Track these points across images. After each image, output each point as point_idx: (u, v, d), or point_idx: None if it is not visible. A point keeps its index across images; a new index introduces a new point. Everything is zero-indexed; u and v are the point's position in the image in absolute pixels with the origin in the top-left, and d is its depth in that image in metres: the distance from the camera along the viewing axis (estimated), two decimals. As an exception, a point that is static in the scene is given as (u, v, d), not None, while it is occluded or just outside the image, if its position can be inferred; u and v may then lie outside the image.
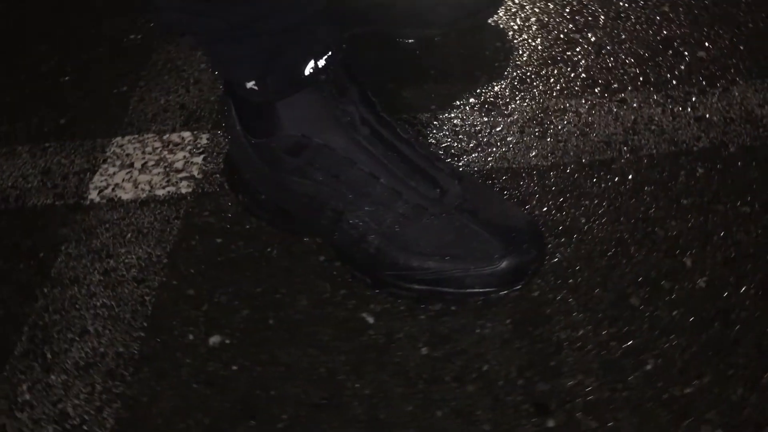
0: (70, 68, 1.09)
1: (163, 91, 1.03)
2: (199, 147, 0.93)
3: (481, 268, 0.70)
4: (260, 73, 0.69)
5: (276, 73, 0.69)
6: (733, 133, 0.86)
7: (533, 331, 0.71)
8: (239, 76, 0.71)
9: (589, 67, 0.97)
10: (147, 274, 0.80)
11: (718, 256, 0.74)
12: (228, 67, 0.71)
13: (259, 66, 0.69)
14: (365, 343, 0.72)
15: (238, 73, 0.71)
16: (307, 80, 0.70)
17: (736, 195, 0.80)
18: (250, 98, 0.72)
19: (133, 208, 0.87)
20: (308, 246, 0.81)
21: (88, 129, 0.99)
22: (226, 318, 0.75)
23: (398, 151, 0.73)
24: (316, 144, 0.72)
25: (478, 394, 0.67)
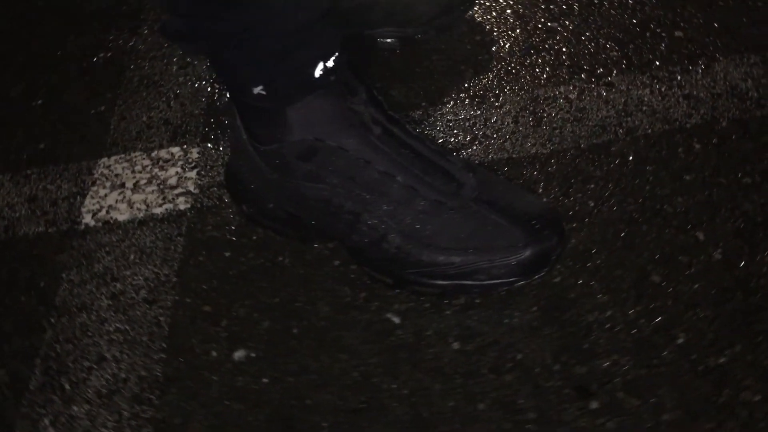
0: (40, 91, 1.06)
1: (144, 108, 1.00)
2: (190, 162, 0.91)
3: (506, 258, 0.70)
4: (269, 78, 0.68)
5: (286, 77, 0.68)
6: (722, 108, 0.88)
7: (561, 316, 0.71)
8: (246, 82, 0.69)
9: (572, 54, 0.98)
10: (158, 295, 0.78)
11: (729, 228, 0.76)
12: (234, 74, 0.70)
13: (268, 70, 0.68)
14: (395, 343, 0.71)
15: (244, 79, 0.69)
16: (318, 82, 0.69)
17: (735, 167, 0.81)
18: (258, 104, 0.71)
19: (131, 228, 0.85)
20: (320, 252, 0.80)
21: (70, 152, 0.96)
22: (248, 331, 0.74)
23: (411, 148, 0.72)
24: (330, 147, 0.71)
25: (517, 384, 0.67)
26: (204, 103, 0.99)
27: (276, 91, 0.69)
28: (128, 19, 1.17)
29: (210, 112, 0.97)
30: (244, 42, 0.66)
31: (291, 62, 0.67)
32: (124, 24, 1.15)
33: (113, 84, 1.05)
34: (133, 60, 1.08)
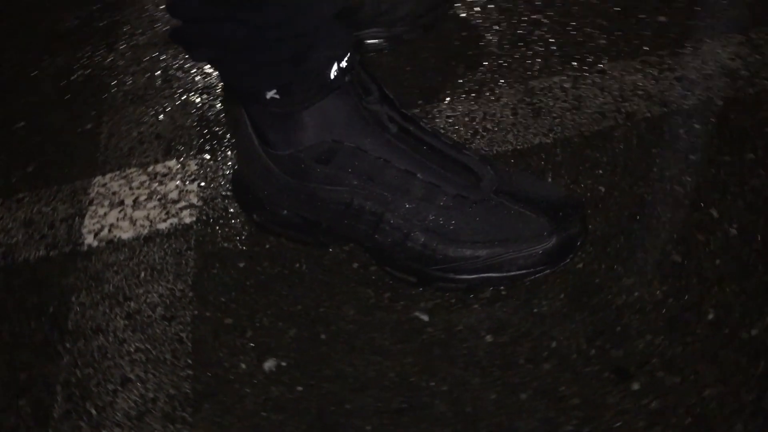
0: (20, 114, 1.03)
1: (133, 123, 0.98)
2: (190, 174, 0.90)
3: (533, 247, 0.70)
4: (283, 81, 0.67)
5: (301, 80, 0.67)
6: (716, 88, 0.90)
7: (589, 301, 0.72)
8: (259, 87, 0.68)
9: (561, 44, 0.99)
10: (176, 311, 0.76)
11: (740, 203, 0.77)
12: (246, 79, 0.69)
13: (283, 74, 0.67)
14: (427, 341, 0.71)
15: (257, 84, 0.68)
16: (334, 84, 0.68)
17: (737, 144, 0.83)
18: (271, 109, 0.70)
19: (137, 246, 0.83)
20: (337, 256, 0.79)
21: (61, 173, 0.93)
22: (275, 340, 0.73)
23: (428, 144, 0.72)
24: (348, 148, 0.70)
25: (555, 371, 0.67)
26: (194, 114, 0.97)
27: (291, 94, 0.68)
28: (102, 35, 1.14)
29: (202, 123, 0.96)
30: (259, 45, 0.65)
31: (306, 64, 0.67)
32: (99, 41, 1.13)
33: (96, 101, 1.03)
34: (113, 76, 1.06)
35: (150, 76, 1.05)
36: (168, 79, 1.03)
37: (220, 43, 0.66)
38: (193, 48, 0.68)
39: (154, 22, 1.14)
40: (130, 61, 1.08)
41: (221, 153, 0.92)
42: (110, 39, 1.12)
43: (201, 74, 1.03)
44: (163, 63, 1.07)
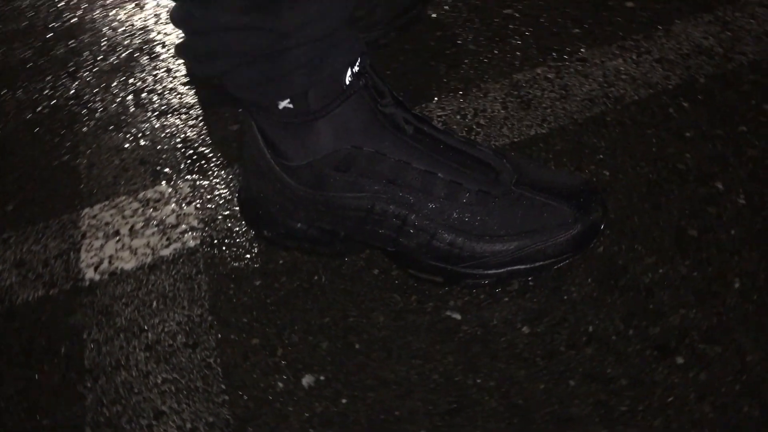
0: (-12, 152, 0.98)
1: (112, 151, 0.95)
2: (183, 197, 0.87)
3: (558, 236, 0.70)
4: (298, 90, 0.66)
5: (317, 87, 0.66)
6: (695, 67, 0.92)
7: (617, 283, 0.72)
8: (272, 97, 0.67)
9: (537, 37, 1.00)
10: (198, 337, 0.74)
11: (742, 174, 0.80)
12: (258, 90, 0.67)
13: (298, 82, 0.65)
14: (464, 339, 0.71)
15: (270, 95, 0.67)
16: (349, 89, 0.68)
17: (727, 118, 0.85)
18: (284, 120, 0.68)
19: (142, 275, 0.80)
20: (355, 264, 0.78)
21: (44, 209, 0.90)
22: (308, 355, 0.71)
23: (443, 143, 0.72)
24: (367, 153, 0.69)
25: (599, 355, 0.68)
26: (175, 136, 0.95)
27: (307, 103, 0.67)
28: (61, 64, 1.10)
29: (185, 144, 0.93)
30: (276, 53, 0.64)
31: (322, 71, 0.66)
32: (59, 70, 1.09)
33: (69, 132, 0.99)
34: (82, 105, 1.02)
35: (121, 102, 1.01)
36: (141, 102, 1.00)
37: (234, 53, 0.64)
38: (203, 61, 0.67)
39: (115, 47, 1.11)
40: (96, 87, 1.04)
41: (211, 173, 0.89)
42: (70, 67, 1.09)
43: (174, 94, 1.00)
44: (132, 87, 1.03)
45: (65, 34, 1.15)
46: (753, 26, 0.96)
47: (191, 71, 0.70)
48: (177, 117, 0.97)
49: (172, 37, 1.10)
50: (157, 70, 1.05)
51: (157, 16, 1.14)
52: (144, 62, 1.06)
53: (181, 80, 1.02)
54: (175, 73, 1.03)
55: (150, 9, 1.16)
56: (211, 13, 0.61)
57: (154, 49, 1.08)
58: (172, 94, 1.01)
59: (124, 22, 1.14)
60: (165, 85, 1.03)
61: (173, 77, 1.02)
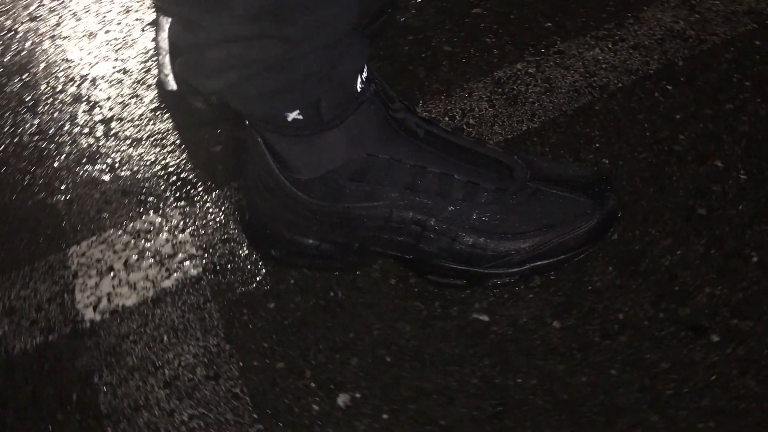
0: (-47, 198, 0.93)
1: (90, 184, 0.91)
2: (175, 225, 0.84)
3: (578, 227, 0.70)
4: (310, 99, 0.64)
5: (330, 95, 0.64)
6: (672, 50, 0.94)
7: (638, 268, 0.73)
8: (279, 109, 0.65)
9: (510, 33, 1.00)
10: (219, 368, 0.71)
11: (738, 150, 0.81)
12: (267, 102, 0.65)
13: (308, 91, 0.63)
14: (496, 340, 0.70)
15: (278, 107, 0.64)
16: (361, 96, 0.66)
17: (713, 97, 0.87)
18: (294, 133, 0.66)
19: (147, 310, 0.77)
20: (370, 275, 0.76)
21: (27, 252, 0.85)
22: (339, 373, 0.69)
23: (455, 144, 0.71)
24: (383, 160, 0.68)
25: (634, 341, 0.68)
26: (155, 164, 0.91)
27: (319, 113, 0.65)
28: (18, 100, 1.05)
29: (167, 170, 0.90)
30: (289, 61, 0.61)
31: (332, 79, 0.64)
32: (17, 106, 1.04)
33: (40, 169, 0.94)
34: (48, 139, 0.98)
35: (90, 133, 0.97)
36: (111, 132, 0.97)
37: (243, 65, 0.62)
38: (210, 76, 0.64)
39: (72, 77, 1.06)
40: (60, 120, 1.00)
41: (200, 198, 0.86)
42: (29, 102, 1.04)
43: (146, 121, 0.97)
44: (99, 116, 0.99)
45: (17, 68, 1.10)
46: (719, 7, 0.98)
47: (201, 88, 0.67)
48: (153, 144, 0.94)
49: (133, 63, 1.06)
50: (123, 98, 1.01)
51: (111, 44, 1.10)
52: (108, 91, 1.02)
53: (150, 106, 0.98)
54: (143, 99, 0.99)
55: (102, 37, 1.12)
56: (221, 22, 0.59)
57: (114, 77, 1.04)
58: (143, 120, 0.97)
59: (78, 52, 1.10)
60: (134, 112, 0.99)
61: (141, 103, 0.99)
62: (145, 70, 1.04)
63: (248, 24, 0.59)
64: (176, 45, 0.66)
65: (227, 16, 0.58)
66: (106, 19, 1.15)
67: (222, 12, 0.58)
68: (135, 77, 1.03)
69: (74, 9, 1.17)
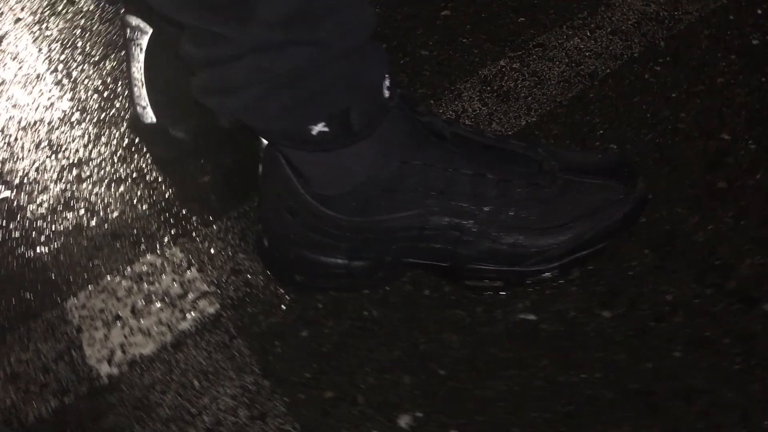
0: None
1: (74, 231, 0.85)
2: (179, 263, 0.79)
3: (614, 213, 0.69)
4: (337, 108, 0.61)
5: (359, 103, 0.61)
6: (650, 33, 0.94)
7: (674, 248, 0.72)
8: (305, 121, 0.61)
9: (485, 31, 0.99)
10: (263, 405, 0.67)
11: (741, 121, 0.82)
12: (290, 116, 0.61)
13: (335, 99, 0.60)
14: (548, 338, 0.68)
15: (304, 119, 0.61)
16: (389, 103, 0.63)
17: (702, 74, 0.88)
18: (320, 147, 0.63)
19: (168, 356, 0.72)
20: (402, 289, 0.73)
21: (19, 312, 0.79)
22: (394, 394, 0.66)
23: (480, 143, 0.69)
24: (415, 167, 0.65)
25: (689, 321, 0.67)
26: (141, 202, 0.86)
27: (348, 123, 0.61)
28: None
29: (155, 207, 0.85)
30: (308, 71, 0.58)
31: (359, 85, 0.61)
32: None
33: (12, 223, 0.88)
34: (8, 188, 0.91)
35: (61, 179, 0.91)
36: (83, 176, 0.91)
37: (268, 77, 0.58)
38: (231, 93, 0.60)
39: (31, 122, 0.99)
40: (24, 170, 0.93)
41: (199, 232, 0.82)
42: None
43: (120, 160, 0.91)
44: (66, 161, 0.93)
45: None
46: (685, -14, 1.00)
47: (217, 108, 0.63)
48: (135, 182, 0.89)
49: (92, 102, 1.00)
50: (88, 138, 0.95)
51: (61, 84, 1.03)
52: (69, 133, 0.96)
53: (121, 143, 0.93)
54: (111, 137, 0.94)
55: (51, 77, 1.05)
56: (247, 32, 0.55)
57: (74, 118, 0.98)
58: (117, 159, 0.92)
59: (27, 96, 1.03)
60: (103, 151, 0.93)
61: (110, 142, 0.93)
62: (104, 108, 0.98)
63: (276, 31, 0.55)
64: (189, 64, 0.61)
65: (254, 24, 0.55)
66: (51, 58, 1.08)
67: (248, 20, 0.54)
68: (96, 116, 0.97)
69: (12, 51, 1.10)
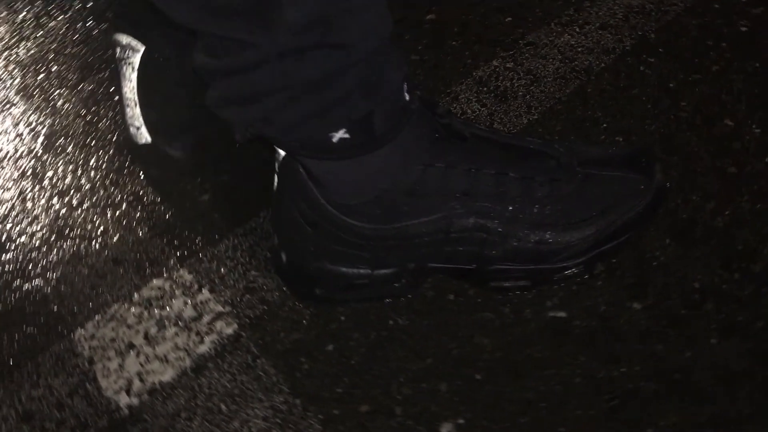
0: None
1: (72, 260, 0.82)
2: (190, 285, 0.77)
3: (636, 205, 0.68)
4: (359, 114, 0.59)
5: (382, 107, 0.60)
6: (638, 25, 0.95)
7: (694, 235, 0.72)
8: (326, 128, 0.59)
9: (475, 33, 0.99)
10: (297, 425, 0.65)
11: (742, 107, 0.82)
12: (310, 124, 0.59)
13: (357, 104, 0.59)
14: (582, 334, 0.67)
15: (324, 126, 0.59)
16: (411, 106, 0.62)
17: (696, 63, 0.88)
18: (340, 154, 0.61)
19: (190, 381, 0.69)
20: (424, 296, 0.72)
21: (24, 348, 0.75)
22: (433, 403, 0.65)
23: (498, 142, 0.68)
24: (439, 169, 0.64)
25: (721, 307, 0.67)
26: (140, 225, 0.83)
27: (371, 128, 0.60)
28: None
29: (155, 230, 0.82)
30: (333, 76, 0.57)
31: (381, 88, 0.59)
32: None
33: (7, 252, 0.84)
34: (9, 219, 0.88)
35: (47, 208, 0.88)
36: (71, 202, 0.87)
37: (289, 85, 0.56)
38: (250, 103, 0.58)
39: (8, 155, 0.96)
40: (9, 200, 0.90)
41: (206, 252, 0.79)
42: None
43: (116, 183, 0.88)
44: (52, 189, 0.90)
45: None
46: (667, -21, 1.00)
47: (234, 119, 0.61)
48: (131, 205, 0.86)
49: (76, 126, 0.97)
50: (73, 165, 0.92)
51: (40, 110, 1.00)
52: (56, 160, 0.92)
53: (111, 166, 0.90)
54: (102, 163, 0.91)
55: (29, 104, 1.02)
56: (274, 37, 0.53)
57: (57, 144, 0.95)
58: (109, 182, 0.89)
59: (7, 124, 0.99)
60: (93, 176, 0.90)
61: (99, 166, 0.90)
62: (88, 132, 0.95)
63: (303, 34, 0.53)
64: (206, 74, 0.59)
65: (281, 28, 0.53)
66: (25, 84, 1.04)
67: (274, 25, 0.53)
68: (80, 140, 0.94)
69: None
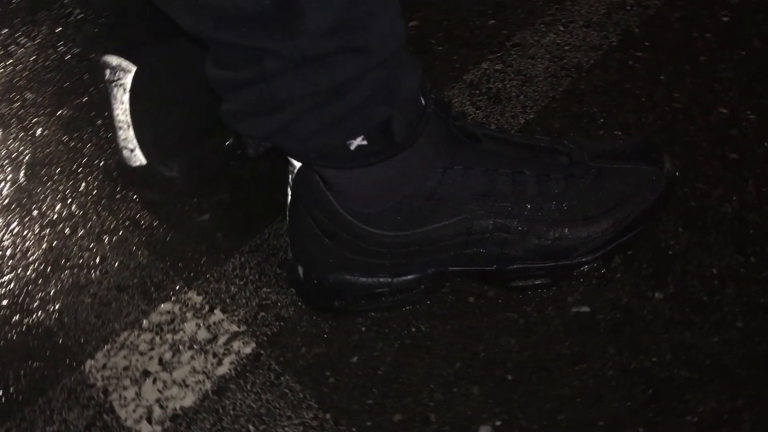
0: None
1: (74, 290, 0.80)
2: (201, 307, 0.75)
3: (648, 197, 0.69)
4: (377, 120, 0.58)
5: (401, 112, 0.59)
6: (622, 21, 0.96)
7: (705, 223, 0.73)
8: (343, 136, 0.59)
9: (460, 37, 0.99)
10: (331, 440, 0.63)
11: (735, 96, 0.84)
12: (328, 133, 0.58)
13: (375, 110, 0.58)
14: (608, 327, 0.67)
15: (342, 134, 0.58)
16: (428, 110, 0.62)
17: (683, 54, 0.90)
18: (359, 163, 0.60)
19: (214, 404, 0.68)
20: (444, 300, 0.71)
21: (34, 383, 0.73)
22: (466, 406, 0.64)
23: (511, 142, 0.68)
24: (457, 172, 0.64)
25: (741, 291, 0.68)
26: (139, 249, 0.82)
27: (389, 134, 0.59)
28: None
29: (157, 255, 0.81)
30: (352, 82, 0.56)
31: (398, 93, 0.59)
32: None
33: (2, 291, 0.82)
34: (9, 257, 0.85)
35: (42, 238, 0.85)
36: (65, 233, 0.85)
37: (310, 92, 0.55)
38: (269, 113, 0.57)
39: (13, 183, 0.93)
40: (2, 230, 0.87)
41: (213, 272, 0.78)
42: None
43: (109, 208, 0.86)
44: (42, 219, 0.87)
45: None
46: (643, -25, 1.02)
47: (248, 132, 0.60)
48: (128, 230, 0.84)
49: (59, 154, 0.94)
50: (61, 194, 0.89)
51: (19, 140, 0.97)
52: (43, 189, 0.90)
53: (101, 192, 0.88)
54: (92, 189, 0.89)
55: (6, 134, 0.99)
56: (296, 43, 0.52)
57: (42, 173, 0.92)
58: (102, 208, 0.87)
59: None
60: (84, 203, 0.88)
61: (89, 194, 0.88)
62: (74, 159, 0.93)
63: (327, 39, 0.53)
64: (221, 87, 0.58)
65: (303, 34, 0.52)
66: (1, 114, 1.02)
67: (297, 31, 0.52)
68: (66, 168, 0.92)
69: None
